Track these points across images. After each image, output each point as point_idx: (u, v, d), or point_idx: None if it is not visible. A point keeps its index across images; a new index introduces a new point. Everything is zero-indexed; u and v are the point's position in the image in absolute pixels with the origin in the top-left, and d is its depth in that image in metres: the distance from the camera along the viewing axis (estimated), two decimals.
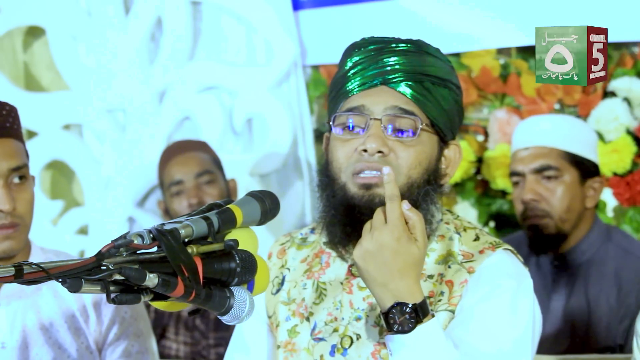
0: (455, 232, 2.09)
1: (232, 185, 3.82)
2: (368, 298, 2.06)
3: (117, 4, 4.30)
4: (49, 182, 4.48)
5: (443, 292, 2.02)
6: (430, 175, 2.04)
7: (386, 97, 2.03)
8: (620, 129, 3.75)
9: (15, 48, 4.50)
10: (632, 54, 3.82)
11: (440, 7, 3.96)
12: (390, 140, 2.01)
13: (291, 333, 2.12)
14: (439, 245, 2.08)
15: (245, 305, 1.77)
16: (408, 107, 2.03)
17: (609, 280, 3.28)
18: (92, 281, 1.62)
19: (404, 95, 2.04)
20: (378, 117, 2.02)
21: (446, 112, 2.07)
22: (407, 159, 2.01)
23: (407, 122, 2.02)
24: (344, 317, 2.07)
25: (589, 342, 3.26)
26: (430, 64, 2.08)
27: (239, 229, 1.88)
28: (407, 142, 2.02)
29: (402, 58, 2.06)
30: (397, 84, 2.04)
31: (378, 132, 2.01)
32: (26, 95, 4.39)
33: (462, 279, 2.02)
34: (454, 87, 2.11)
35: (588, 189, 3.34)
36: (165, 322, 3.59)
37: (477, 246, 2.06)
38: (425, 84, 2.05)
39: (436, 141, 2.07)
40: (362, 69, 2.07)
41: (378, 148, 2.00)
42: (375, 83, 2.05)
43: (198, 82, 4.23)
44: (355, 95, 2.06)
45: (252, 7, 4.15)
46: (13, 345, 2.52)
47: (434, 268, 2.05)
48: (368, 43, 2.10)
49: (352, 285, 2.09)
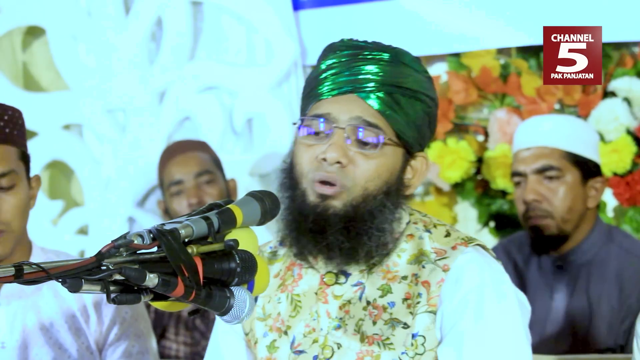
0: (425, 230, 2.08)
1: (232, 185, 3.82)
2: (345, 306, 2.05)
3: (117, 4, 4.30)
4: (49, 182, 4.48)
5: (421, 293, 2.01)
6: (390, 186, 2.04)
7: (353, 106, 2.02)
8: (620, 129, 3.75)
9: (14, 48, 4.50)
10: (632, 54, 3.82)
11: (441, 7, 3.96)
12: (351, 150, 2.01)
13: (270, 349, 2.10)
14: (409, 245, 2.07)
15: (245, 305, 1.77)
16: (373, 120, 2.02)
17: (611, 281, 3.28)
18: (92, 281, 1.62)
19: (372, 107, 2.02)
20: (342, 127, 2.01)
21: (415, 125, 2.05)
22: (366, 171, 2.01)
23: (370, 134, 2.01)
24: (322, 327, 2.06)
25: (590, 342, 3.26)
26: (404, 75, 2.05)
27: (239, 229, 1.88)
28: (368, 155, 2.01)
29: (376, 67, 2.04)
30: (367, 95, 2.02)
31: (339, 142, 2.00)
32: (26, 95, 4.39)
33: (439, 278, 2.01)
34: (427, 100, 2.08)
35: (590, 189, 3.34)
36: (165, 322, 3.59)
37: (449, 242, 2.05)
38: (396, 96, 2.03)
39: (401, 153, 2.06)
40: (334, 73, 2.06)
41: (337, 158, 1.99)
42: (345, 90, 2.03)
43: (198, 82, 4.23)
44: (324, 100, 2.05)
45: (253, 7, 4.15)
46: (13, 345, 2.52)
47: (407, 269, 2.04)
48: (344, 47, 2.09)
49: (326, 294, 2.07)
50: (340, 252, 2.02)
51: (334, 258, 2.03)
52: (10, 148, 2.46)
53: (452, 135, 4.00)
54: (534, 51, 3.89)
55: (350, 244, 2.01)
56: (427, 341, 2.00)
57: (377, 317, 2.02)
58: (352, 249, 2.02)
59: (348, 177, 2.00)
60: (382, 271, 2.05)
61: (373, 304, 2.03)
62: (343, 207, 2.00)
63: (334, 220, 2.00)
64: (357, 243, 2.01)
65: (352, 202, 2.01)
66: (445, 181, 3.98)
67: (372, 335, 2.02)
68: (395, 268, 2.04)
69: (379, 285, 2.04)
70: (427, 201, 4.09)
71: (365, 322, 2.03)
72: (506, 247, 3.51)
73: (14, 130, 2.46)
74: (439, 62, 4.09)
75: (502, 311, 2.00)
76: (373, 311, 2.03)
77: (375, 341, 2.01)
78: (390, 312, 2.02)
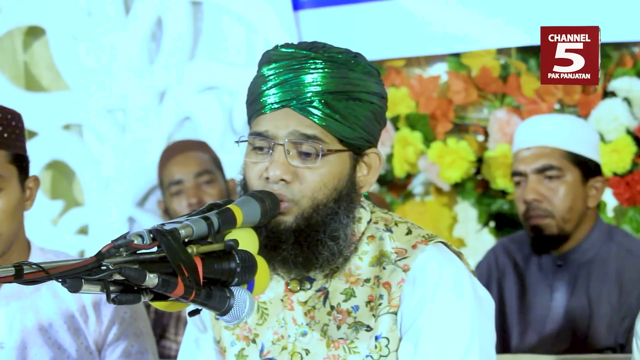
0: (386, 230, 2.07)
1: (232, 185, 3.82)
2: (310, 312, 2.05)
3: (117, 4, 4.30)
4: (49, 182, 4.48)
5: (382, 294, 2.01)
6: (340, 192, 2.02)
7: (290, 121, 2.00)
8: (620, 129, 3.75)
9: (15, 48, 4.50)
10: (632, 54, 3.82)
11: (441, 7, 3.96)
12: (294, 165, 2.00)
13: (239, 357, 2.09)
14: (370, 247, 2.06)
15: (245, 305, 1.77)
16: (311, 132, 1.99)
17: (611, 280, 3.28)
18: (92, 281, 1.62)
19: (309, 119, 2.00)
20: (281, 143, 2.00)
21: (360, 126, 2.03)
22: (312, 182, 2.00)
23: (309, 147, 2.00)
24: (289, 334, 2.06)
25: (590, 341, 3.26)
26: (341, 80, 2.02)
27: (239, 229, 1.88)
28: (311, 167, 2.00)
29: (310, 77, 2.01)
30: (303, 107, 2.00)
31: (280, 159, 1.99)
32: (26, 95, 4.39)
33: (399, 278, 2.01)
34: (371, 97, 2.05)
35: (590, 189, 3.34)
36: (165, 322, 3.59)
37: (410, 240, 2.05)
38: (333, 103, 2.00)
39: (347, 157, 2.04)
40: (273, 85, 2.03)
41: (280, 176, 1.99)
42: (282, 104, 2.01)
43: (198, 82, 4.23)
44: (263, 116, 2.03)
45: (253, 7, 4.15)
46: (12, 346, 2.52)
47: (369, 271, 2.04)
48: (279, 57, 2.07)
49: (292, 301, 2.07)
50: (294, 265, 2.01)
51: (291, 271, 2.03)
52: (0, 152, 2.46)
53: (452, 135, 4.00)
54: (533, 51, 3.89)
55: (304, 256, 2.00)
56: (390, 342, 2.00)
57: (341, 321, 2.02)
58: (306, 260, 2.01)
59: (294, 191, 1.99)
60: (345, 275, 2.04)
61: (337, 309, 2.03)
62: (294, 220, 1.99)
63: (286, 235, 1.99)
64: (312, 254, 2.00)
65: (303, 214, 2.00)
66: (445, 181, 3.98)
67: (337, 340, 2.02)
68: (358, 271, 2.04)
69: (342, 289, 2.04)
70: (427, 201, 4.09)
71: (330, 326, 2.02)
72: (506, 247, 3.51)
73: (4, 132, 2.45)
74: (439, 62, 4.09)
75: (459, 308, 1.99)
76: (337, 316, 2.03)
77: (341, 345, 2.01)
78: (355, 316, 2.02)
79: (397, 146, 4.02)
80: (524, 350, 3.30)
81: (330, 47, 2.06)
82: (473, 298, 2.02)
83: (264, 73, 2.06)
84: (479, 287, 2.06)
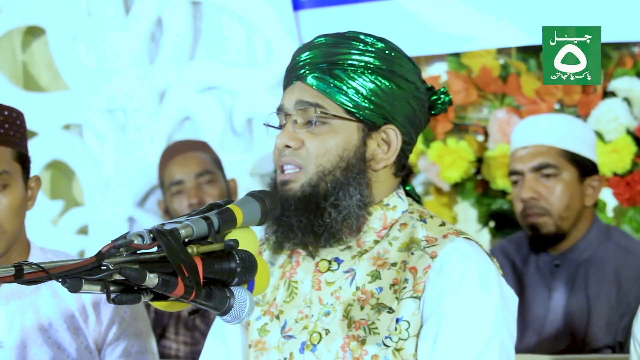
0: (419, 220, 2.11)
1: (232, 185, 3.82)
2: (336, 292, 2.08)
3: (117, 4, 4.30)
4: (48, 182, 4.48)
5: (407, 279, 2.04)
6: (348, 162, 2.08)
7: (296, 92, 2.12)
8: (620, 129, 3.75)
9: (14, 48, 4.50)
10: (632, 54, 3.82)
11: (441, 7, 3.96)
12: (301, 132, 2.09)
13: (261, 332, 2.14)
14: (401, 234, 2.10)
15: (245, 305, 1.77)
16: (311, 99, 2.09)
17: (609, 279, 3.28)
18: (92, 281, 1.62)
19: (311, 87, 2.10)
20: (290, 113, 2.11)
21: (368, 99, 2.08)
22: (314, 147, 2.08)
23: (311, 113, 2.08)
24: (313, 314, 2.10)
25: (589, 340, 3.27)
26: (344, 52, 2.10)
27: (239, 229, 1.88)
28: (314, 132, 2.08)
29: (310, 52, 2.12)
30: (306, 78, 2.11)
31: (288, 128, 2.10)
32: (26, 95, 4.39)
33: (426, 264, 2.03)
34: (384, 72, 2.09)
35: (587, 187, 3.34)
36: (165, 322, 3.59)
37: (442, 231, 2.08)
38: (336, 72, 2.09)
39: (355, 128, 2.09)
40: (288, 67, 2.17)
41: (285, 142, 2.09)
42: (292, 80, 2.14)
43: (198, 82, 4.23)
44: (283, 94, 2.17)
45: (252, 7, 4.16)
46: (11, 345, 2.52)
47: (397, 256, 2.07)
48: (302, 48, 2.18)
49: (320, 281, 2.11)
50: (300, 231, 2.07)
51: (294, 238, 2.08)
52: (4, 149, 2.46)
53: (452, 135, 4.01)
54: (533, 51, 3.89)
55: (307, 223, 2.06)
56: (411, 326, 2.01)
57: (364, 302, 2.05)
58: (309, 226, 2.07)
59: (301, 157, 2.08)
60: (373, 258, 2.09)
61: (362, 290, 2.06)
62: (300, 187, 2.07)
63: (293, 201, 2.07)
64: (314, 220, 2.06)
65: (309, 181, 2.07)
66: (445, 181, 3.98)
67: (359, 320, 2.05)
68: (386, 255, 2.08)
69: (369, 271, 2.07)
70: (427, 201, 4.09)
71: (354, 307, 2.06)
72: (504, 248, 3.52)
73: (10, 130, 2.46)
74: (439, 62, 4.09)
75: (483, 301, 2.01)
76: (361, 296, 2.06)
77: (362, 326, 2.04)
78: (377, 297, 2.04)
79: None
80: (524, 351, 3.30)
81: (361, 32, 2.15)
82: (498, 293, 2.03)
83: (294, 53, 2.18)
84: (504, 284, 2.07)
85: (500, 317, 2.01)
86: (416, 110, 2.14)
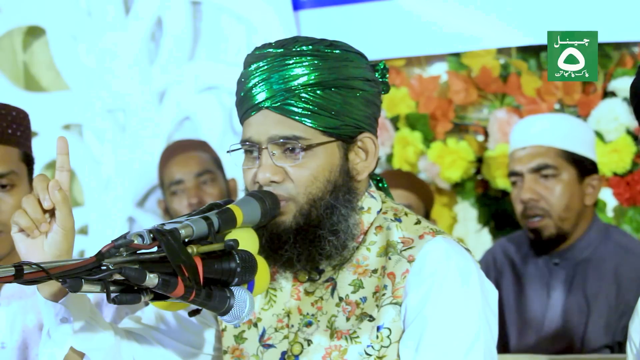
0: (394, 220, 2.07)
1: (232, 185, 3.82)
2: (317, 303, 2.05)
3: (117, 4, 4.30)
4: None
5: (386, 285, 2.01)
6: (335, 183, 2.03)
7: (268, 124, 2.02)
8: (620, 129, 3.75)
9: (15, 48, 4.50)
10: (632, 54, 3.82)
11: (441, 7, 3.96)
12: (280, 165, 2.01)
13: (238, 339, 2.10)
14: (378, 237, 2.06)
15: (245, 305, 1.77)
16: (289, 132, 2.01)
17: (608, 278, 3.28)
18: (92, 281, 1.62)
19: (286, 117, 2.01)
20: (264, 147, 2.02)
21: (344, 113, 2.02)
22: (302, 178, 2.01)
23: (291, 145, 2.01)
24: (293, 324, 2.06)
25: (588, 340, 3.26)
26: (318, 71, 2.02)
27: (239, 229, 1.89)
28: (298, 164, 2.01)
29: (285, 74, 2.03)
30: (279, 106, 2.01)
31: (267, 162, 2.02)
32: (26, 95, 4.39)
33: (404, 269, 2.00)
34: (353, 81, 2.04)
35: (586, 187, 3.34)
36: None
37: (418, 230, 2.04)
38: (310, 96, 2.01)
39: (336, 147, 2.04)
40: (249, 89, 2.06)
41: (269, 178, 2.01)
42: (259, 107, 2.04)
43: (198, 82, 4.23)
44: (247, 120, 2.06)
45: (252, 7, 4.16)
46: (13, 346, 2.52)
47: (377, 261, 2.04)
48: (255, 59, 2.09)
49: (299, 291, 2.07)
50: (299, 264, 2.02)
51: (298, 270, 2.04)
52: (12, 149, 2.47)
53: (452, 135, 4.01)
54: (534, 51, 3.89)
55: (307, 254, 2.01)
56: (392, 333, 1.99)
57: (350, 313, 2.02)
58: (310, 257, 2.02)
59: (287, 189, 2.01)
60: (353, 266, 2.05)
61: (346, 300, 2.03)
62: (293, 219, 2.01)
63: (287, 235, 2.00)
64: (314, 250, 2.01)
65: (301, 211, 2.01)
66: (445, 181, 3.98)
67: (341, 330, 2.01)
68: (365, 262, 2.04)
69: (350, 280, 2.04)
70: None
71: (339, 318, 2.02)
72: (504, 247, 3.52)
73: (17, 131, 2.47)
74: (439, 62, 4.09)
75: (466, 301, 1.99)
76: (347, 307, 2.03)
77: (344, 335, 2.01)
78: (362, 307, 2.02)
79: (397, 146, 4.02)
80: (522, 350, 3.31)
81: (302, 40, 2.07)
82: (480, 291, 2.01)
83: (241, 77, 2.09)
84: (485, 280, 2.05)
85: (483, 316, 2.00)
86: (378, 104, 2.10)
